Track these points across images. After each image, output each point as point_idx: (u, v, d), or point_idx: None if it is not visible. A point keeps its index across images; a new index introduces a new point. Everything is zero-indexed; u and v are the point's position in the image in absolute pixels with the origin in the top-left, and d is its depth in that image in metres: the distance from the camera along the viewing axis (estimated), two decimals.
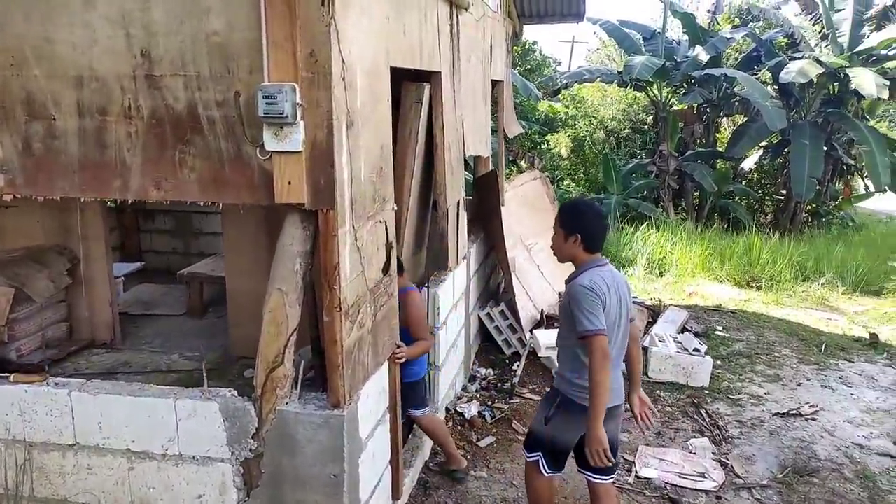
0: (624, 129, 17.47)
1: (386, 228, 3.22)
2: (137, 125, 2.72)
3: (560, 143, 17.36)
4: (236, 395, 2.95)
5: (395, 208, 3.38)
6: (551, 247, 3.28)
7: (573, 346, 3.09)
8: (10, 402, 3.06)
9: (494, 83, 6.03)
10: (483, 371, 5.43)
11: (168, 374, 5.38)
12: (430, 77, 4.02)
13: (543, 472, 3.26)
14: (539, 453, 3.28)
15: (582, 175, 15.93)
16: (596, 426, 2.90)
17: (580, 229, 3.10)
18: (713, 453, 4.43)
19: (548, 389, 3.63)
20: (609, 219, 12.15)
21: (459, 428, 4.67)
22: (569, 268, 3.25)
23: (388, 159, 3.25)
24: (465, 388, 5.18)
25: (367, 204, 2.97)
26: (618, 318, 3.10)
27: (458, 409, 4.84)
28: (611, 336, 3.03)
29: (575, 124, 17.69)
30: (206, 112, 2.67)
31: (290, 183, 2.60)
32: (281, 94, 2.46)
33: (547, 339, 5.58)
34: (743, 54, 14.95)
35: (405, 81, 3.97)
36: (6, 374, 3.12)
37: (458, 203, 4.70)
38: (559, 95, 17.25)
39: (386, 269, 3.23)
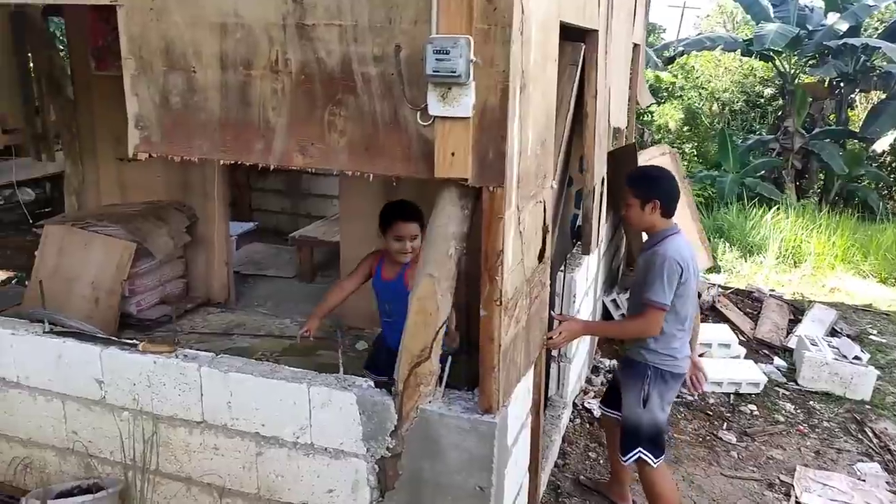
0: (737, 101, 16.18)
1: (544, 209, 2.79)
2: (284, 81, 2.38)
3: (667, 115, 16.28)
4: (373, 386, 2.63)
5: (555, 186, 2.95)
6: (624, 216, 3.23)
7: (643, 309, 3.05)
8: (138, 372, 2.87)
9: (633, 46, 5.41)
10: (607, 362, 4.97)
11: (281, 339, 5.22)
12: (585, 36, 3.51)
13: (653, 463, 3.14)
14: (638, 449, 3.14)
15: (693, 151, 14.86)
16: (584, 332, 3.33)
17: (658, 195, 3.05)
18: (888, 483, 3.83)
19: (622, 368, 3.33)
20: (726, 200, 11.25)
21: (588, 427, 4.25)
22: None
23: (552, 129, 2.81)
24: (589, 381, 4.75)
25: (531, 181, 2.55)
26: (694, 286, 3.10)
27: (585, 405, 4.42)
28: (688, 307, 3.08)
29: (682, 95, 16.53)
30: (361, 68, 2.29)
31: (453, 154, 2.21)
32: (455, 48, 2.05)
33: None
34: (887, 24, 13.39)
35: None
36: (136, 342, 2.93)
37: (602, 180, 4.20)
38: (671, 65, 16.09)
39: (541, 256, 2.81)
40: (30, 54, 6.28)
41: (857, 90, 13.73)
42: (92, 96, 5.73)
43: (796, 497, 3.67)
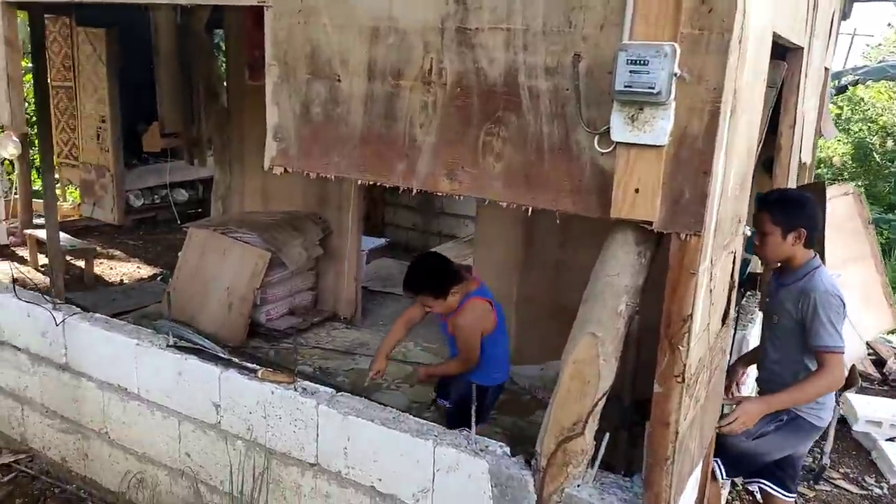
0: None
1: (733, 261, 2.25)
2: (437, 94, 2.03)
3: (830, 148, 14.67)
4: (509, 455, 2.21)
5: (747, 232, 2.40)
6: (757, 246, 2.72)
7: (799, 357, 2.66)
8: (255, 400, 2.63)
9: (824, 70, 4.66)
10: None
11: (403, 365, 4.92)
12: (788, 54, 2.93)
13: (720, 477, 2.70)
14: (717, 459, 2.70)
15: (861, 189, 13.26)
16: (765, 411, 2.56)
17: (803, 222, 2.62)
18: None
19: None
20: None
21: None
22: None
23: (752, 164, 2.27)
24: None
25: (727, 227, 2.03)
26: None
27: (743, 482, 3.74)
28: None
29: (848, 129, 14.84)
30: (528, 81, 1.89)
31: (637, 191, 1.75)
32: (656, 57, 1.59)
33: (867, 408, 4.22)
34: None
35: None
36: (255, 368, 2.69)
37: None
38: (841, 95, 14.51)
39: (724, 317, 2.27)
40: (192, 64, 6.49)
41: None
42: (244, 106, 5.78)
43: None
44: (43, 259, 6.53)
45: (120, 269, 6.92)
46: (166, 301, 5.51)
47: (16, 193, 7.34)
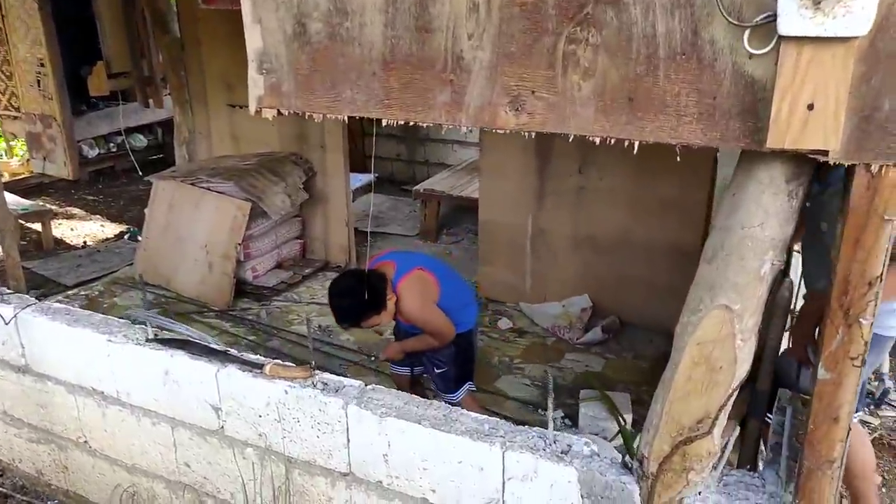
0: None
1: None
2: None
3: None
4: (601, 456, 1.73)
5: None
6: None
7: None
8: (265, 402, 2.10)
9: None
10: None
11: None
12: None
13: None
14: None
15: None
16: None
17: None
18: None
19: None
20: None
21: None
22: None
23: None
24: None
25: None
26: None
27: None
28: None
29: None
30: None
31: (810, 107, 1.19)
32: None
33: None
34: None
35: None
36: (260, 362, 2.14)
37: None
38: None
39: None
40: None
41: None
42: (199, 35, 4.96)
43: None
44: None
45: (82, 230, 6.21)
46: (144, 257, 4.87)
47: None
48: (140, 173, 6.51)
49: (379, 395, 2.00)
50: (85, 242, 5.89)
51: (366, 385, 2.06)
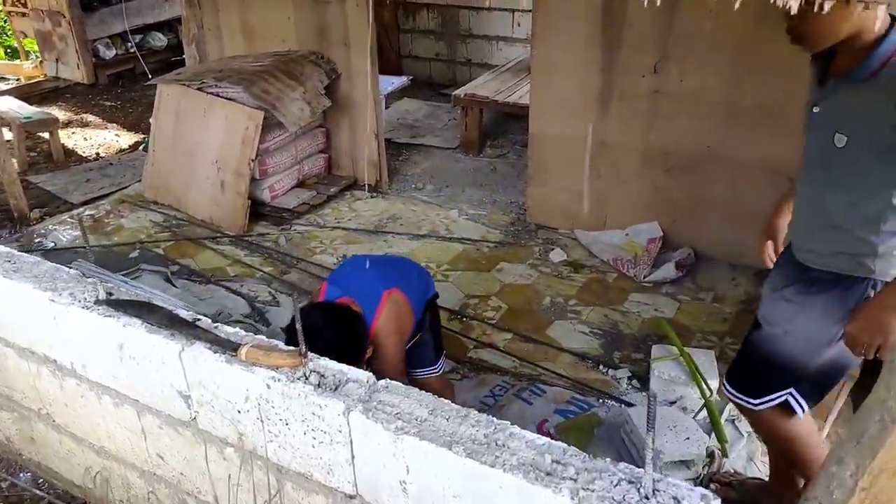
0: None
1: None
2: None
3: None
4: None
5: None
6: (797, 24, 1.50)
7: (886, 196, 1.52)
8: (243, 395, 1.52)
9: None
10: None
11: (448, 244, 3.77)
12: None
13: (800, 410, 1.75)
14: (789, 390, 1.74)
15: None
16: None
17: None
18: None
19: (806, 287, 1.72)
20: None
21: None
22: None
23: None
24: None
25: None
26: None
27: None
28: None
29: None
30: None
31: None
32: None
33: None
34: None
35: None
36: (235, 341, 1.54)
37: None
38: None
39: None
40: None
41: None
42: None
43: None
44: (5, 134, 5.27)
45: (96, 139, 5.65)
46: (152, 173, 4.31)
47: None
48: (150, 77, 5.83)
49: (393, 396, 1.39)
50: (98, 154, 5.35)
51: (377, 378, 1.45)
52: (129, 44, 6.89)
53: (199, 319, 1.64)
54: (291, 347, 1.51)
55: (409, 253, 3.63)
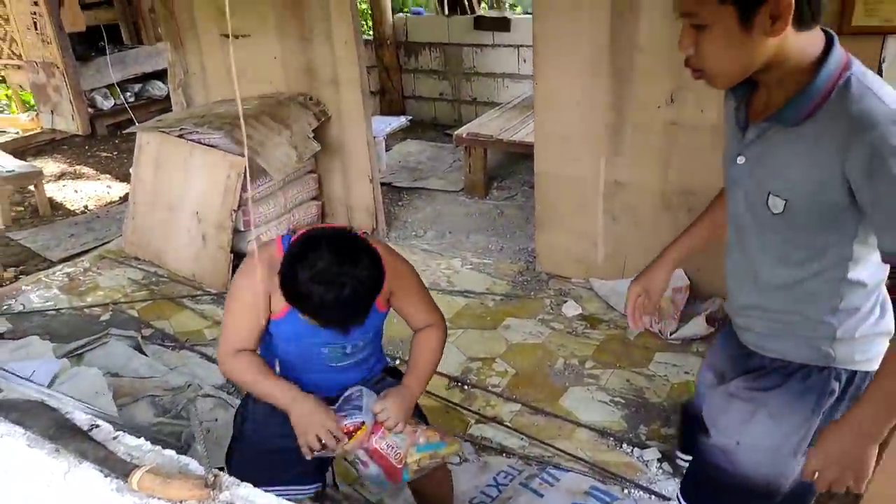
0: None
1: None
2: None
3: None
4: None
5: None
6: (693, 57, 1.13)
7: (836, 262, 1.15)
8: None
9: None
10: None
11: (451, 296, 3.39)
12: None
13: None
14: None
15: None
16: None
17: None
18: None
19: (757, 374, 1.32)
20: None
21: None
22: None
23: None
24: None
25: None
26: None
27: None
28: None
29: None
30: None
31: None
32: None
33: None
34: None
35: None
36: (131, 464, 1.16)
37: None
38: None
39: None
40: None
41: None
42: None
43: None
44: None
45: (86, 192, 5.41)
46: (129, 237, 4.03)
47: None
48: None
49: None
50: (86, 207, 5.10)
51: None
52: (128, 93, 6.73)
53: (96, 426, 1.27)
54: (199, 473, 1.12)
55: None
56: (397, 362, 2.86)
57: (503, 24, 5.70)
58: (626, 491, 2.12)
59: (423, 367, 1.69)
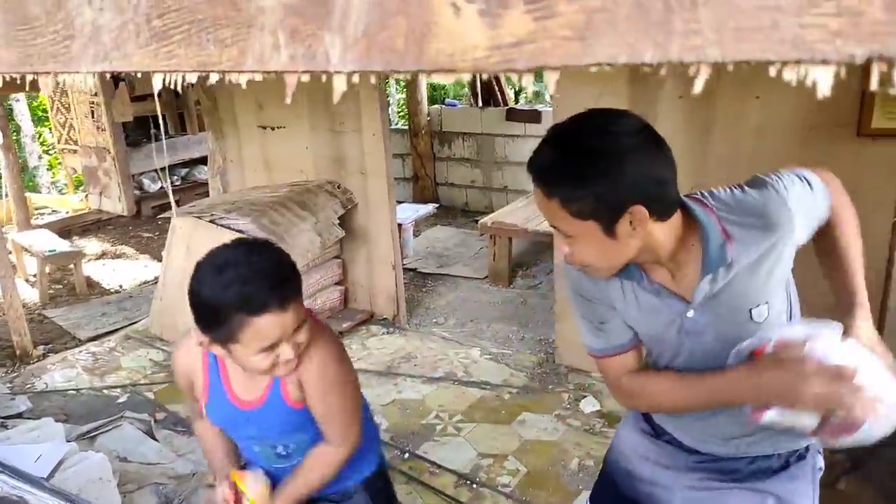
0: None
1: None
2: None
3: None
4: None
5: None
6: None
7: None
8: None
9: None
10: None
11: (465, 388, 3.35)
12: None
13: None
14: None
15: None
16: None
17: (632, 189, 1.02)
18: None
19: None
20: None
21: None
22: None
23: None
24: None
25: None
26: None
27: None
28: None
29: None
30: None
31: None
32: None
33: None
34: None
35: None
36: None
37: None
38: None
39: None
40: None
41: None
42: None
43: None
44: (32, 266, 5.32)
45: (124, 271, 5.63)
46: (156, 312, 4.15)
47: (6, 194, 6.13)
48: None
49: None
50: (120, 286, 5.29)
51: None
52: (175, 177, 7.10)
53: None
54: None
55: (420, 399, 3.22)
56: (406, 455, 2.80)
57: (534, 116, 5.88)
58: None
59: (300, 482, 1.44)
